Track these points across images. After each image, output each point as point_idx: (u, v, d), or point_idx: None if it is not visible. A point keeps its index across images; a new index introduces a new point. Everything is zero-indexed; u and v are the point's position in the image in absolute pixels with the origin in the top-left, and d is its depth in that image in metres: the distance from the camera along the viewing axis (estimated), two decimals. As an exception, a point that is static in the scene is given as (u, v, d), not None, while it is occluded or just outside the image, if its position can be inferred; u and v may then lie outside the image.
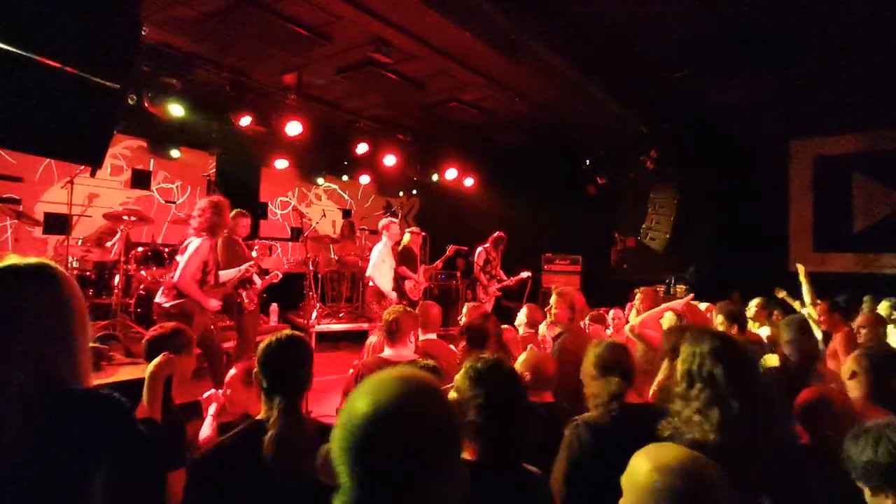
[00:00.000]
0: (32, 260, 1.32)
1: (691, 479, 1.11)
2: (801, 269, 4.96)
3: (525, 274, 7.63)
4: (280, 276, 5.19)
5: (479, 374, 1.68)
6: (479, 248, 7.54)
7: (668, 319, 3.38)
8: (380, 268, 6.18)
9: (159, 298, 4.09)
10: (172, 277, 4.06)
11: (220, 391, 2.76)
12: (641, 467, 1.18)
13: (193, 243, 4.07)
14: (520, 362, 2.54)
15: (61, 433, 1.22)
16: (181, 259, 4.06)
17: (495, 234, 7.65)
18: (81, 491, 1.24)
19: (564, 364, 3.08)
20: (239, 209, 5.43)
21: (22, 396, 1.18)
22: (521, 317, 4.27)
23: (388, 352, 3.12)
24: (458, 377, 1.77)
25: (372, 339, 3.65)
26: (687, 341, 1.73)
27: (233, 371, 2.66)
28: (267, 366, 1.79)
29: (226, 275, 4.52)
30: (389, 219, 6.55)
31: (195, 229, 4.13)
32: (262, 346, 1.83)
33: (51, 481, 1.21)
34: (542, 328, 4.34)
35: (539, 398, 2.46)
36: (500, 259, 7.66)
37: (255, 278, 5.21)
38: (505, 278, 7.56)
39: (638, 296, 4.72)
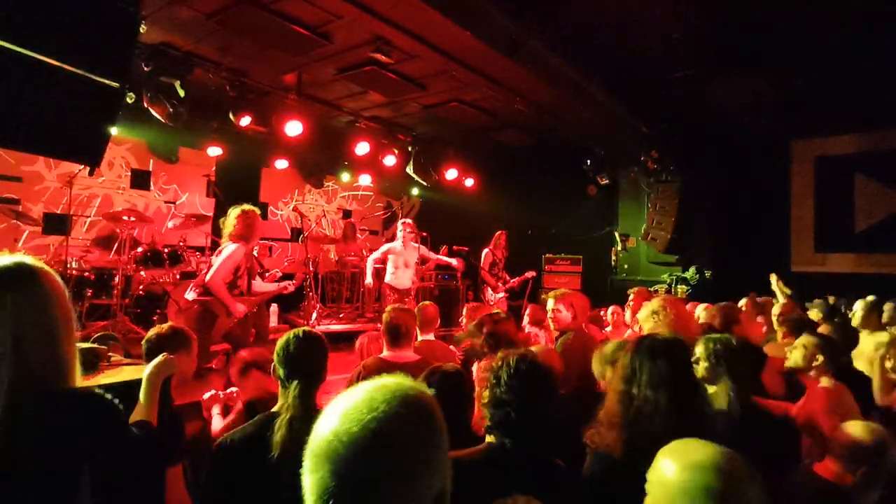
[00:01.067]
0: (9, 258, 1.30)
1: (724, 476, 1.06)
2: (774, 279, 5.06)
3: (529, 274, 7.63)
4: (291, 288, 4.94)
5: (505, 368, 1.72)
6: (485, 251, 7.53)
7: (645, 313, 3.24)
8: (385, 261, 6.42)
9: (187, 294, 4.22)
10: (204, 276, 4.16)
11: (222, 392, 2.77)
12: (669, 466, 1.12)
13: (229, 248, 4.17)
14: None
15: (45, 432, 1.21)
16: (215, 261, 4.18)
17: (497, 234, 7.63)
18: (68, 487, 1.23)
19: (568, 363, 3.10)
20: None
21: (3, 396, 1.17)
22: (526, 318, 4.32)
23: (388, 353, 3.10)
24: (484, 371, 1.80)
25: (362, 339, 3.63)
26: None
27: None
28: (284, 356, 1.91)
29: (261, 287, 4.55)
30: (406, 220, 6.65)
31: (230, 236, 4.23)
32: (280, 340, 1.96)
33: (36, 480, 1.20)
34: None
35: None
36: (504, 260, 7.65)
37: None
38: (509, 279, 7.55)
39: (631, 296, 4.70)
